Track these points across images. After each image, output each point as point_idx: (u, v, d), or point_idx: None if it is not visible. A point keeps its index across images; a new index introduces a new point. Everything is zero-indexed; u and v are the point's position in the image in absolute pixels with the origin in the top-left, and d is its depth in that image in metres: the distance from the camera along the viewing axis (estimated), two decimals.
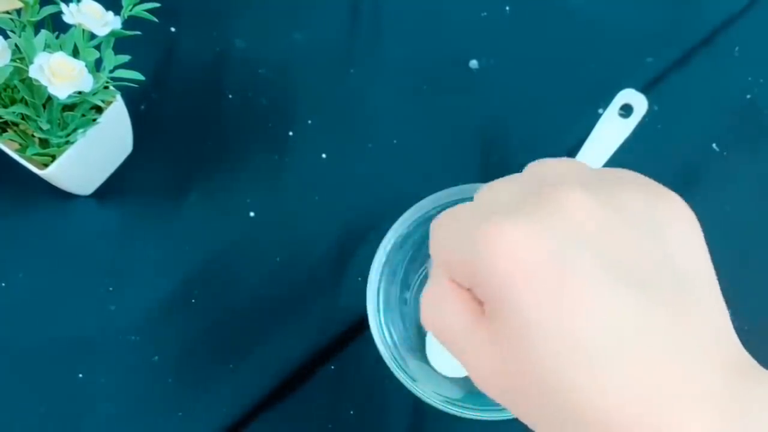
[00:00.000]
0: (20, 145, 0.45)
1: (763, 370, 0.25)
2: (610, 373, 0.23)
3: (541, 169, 0.28)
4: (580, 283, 0.24)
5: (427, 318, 0.28)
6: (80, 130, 0.44)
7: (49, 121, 0.43)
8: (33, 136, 0.45)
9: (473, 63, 0.54)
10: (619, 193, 0.26)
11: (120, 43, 0.43)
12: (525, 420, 0.26)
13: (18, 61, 0.42)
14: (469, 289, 0.27)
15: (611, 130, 0.44)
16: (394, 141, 0.53)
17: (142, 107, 0.52)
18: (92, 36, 0.42)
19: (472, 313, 0.26)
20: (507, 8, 0.56)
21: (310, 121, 0.53)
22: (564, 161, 0.29)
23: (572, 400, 0.23)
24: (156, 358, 0.48)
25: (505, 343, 0.25)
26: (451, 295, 0.27)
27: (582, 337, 0.23)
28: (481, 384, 0.26)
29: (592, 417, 0.23)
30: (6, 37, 0.42)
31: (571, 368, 0.23)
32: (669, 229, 0.26)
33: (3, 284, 0.48)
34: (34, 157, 0.45)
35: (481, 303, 0.26)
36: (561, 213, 0.25)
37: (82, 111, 0.44)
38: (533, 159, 0.54)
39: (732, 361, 0.24)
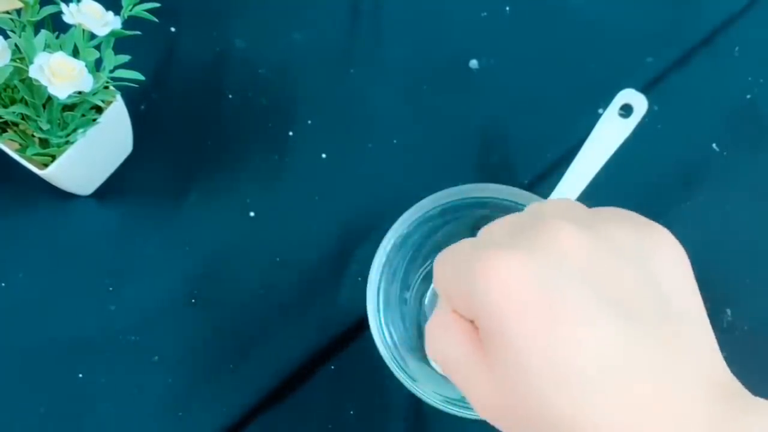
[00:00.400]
0: (20, 145, 0.45)
1: (752, 397, 0.25)
2: (596, 404, 0.24)
3: (539, 208, 0.29)
4: (569, 314, 0.24)
5: (430, 348, 0.29)
6: (80, 130, 0.44)
7: (49, 121, 0.43)
8: (33, 136, 0.45)
9: (473, 63, 0.54)
10: (607, 227, 0.27)
11: (120, 43, 0.43)
12: None
13: (18, 61, 0.42)
14: (472, 321, 0.28)
15: (611, 130, 0.44)
16: (394, 141, 0.53)
17: (142, 107, 0.52)
18: (92, 36, 0.42)
19: (472, 344, 0.27)
20: (507, 8, 0.56)
21: (310, 121, 0.53)
22: (561, 201, 0.30)
23: (565, 427, 0.24)
24: (156, 358, 0.48)
25: (499, 372, 0.25)
26: (453, 325, 0.28)
27: (570, 367, 0.24)
28: (480, 411, 0.27)
29: None
30: (6, 37, 0.42)
31: (561, 399, 0.24)
32: (656, 260, 0.26)
33: (3, 284, 0.48)
34: (34, 157, 0.45)
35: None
36: (551, 246, 0.26)
37: (82, 111, 0.44)
38: (533, 159, 0.55)
39: (721, 389, 0.24)
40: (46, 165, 0.45)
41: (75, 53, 0.43)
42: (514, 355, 0.25)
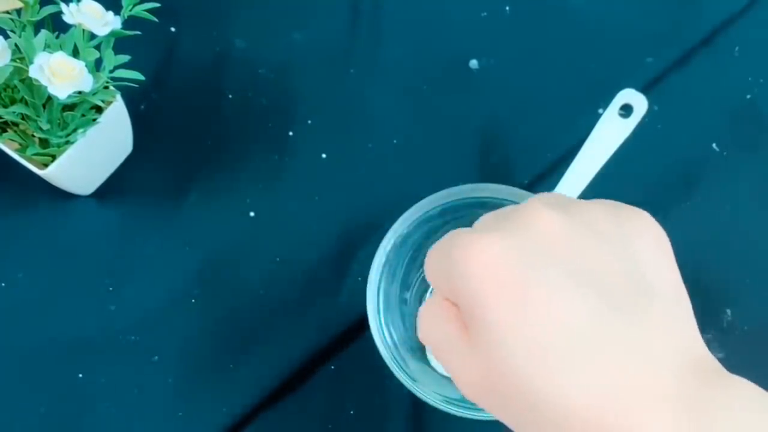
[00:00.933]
0: (20, 145, 0.45)
1: (729, 375, 0.25)
2: (570, 376, 0.24)
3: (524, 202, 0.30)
4: (543, 291, 0.25)
5: (421, 332, 0.30)
6: (80, 130, 0.44)
7: (49, 121, 0.43)
8: (33, 136, 0.45)
9: (473, 63, 0.55)
10: (586, 211, 0.28)
11: (120, 43, 0.43)
12: (508, 423, 0.27)
13: (18, 61, 0.42)
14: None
15: (611, 130, 0.44)
16: (394, 141, 0.53)
17: (142, 107, 0.52)
18: (92, 36, 0.42)
19: (457, 326, 0.28)
20: (507, 8, 0.56)
21: (310, 121, 0.53)
22: (548, 193, 0.31)
23: (541, 402, 0.25)
24: (156, 358, 0.48)
25: (479, 350, 0.26)
26: (442, 311, 0.29)
27: (543, 342, 0.25)
28: (465, 392, 0.28)
29: (559, 417, 0.24)
30: (6, 37, 0.42)
31: (537, 372, 0.25)
32: (635, 241, 0.27)
33: (3, 284, 0.49)
34: (34, 157, 0.45)
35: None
36: (527, 228, 0.27)
37: (82, 111, 0.44)
38: (533, 159, 0.55)
39: (694, 365, 0.25)
40: (46, 165, 0.45)
41: (75, 53, 0.43)
42: (489, 332, 0.26)
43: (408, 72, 0.54)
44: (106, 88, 0.44)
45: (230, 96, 0.53)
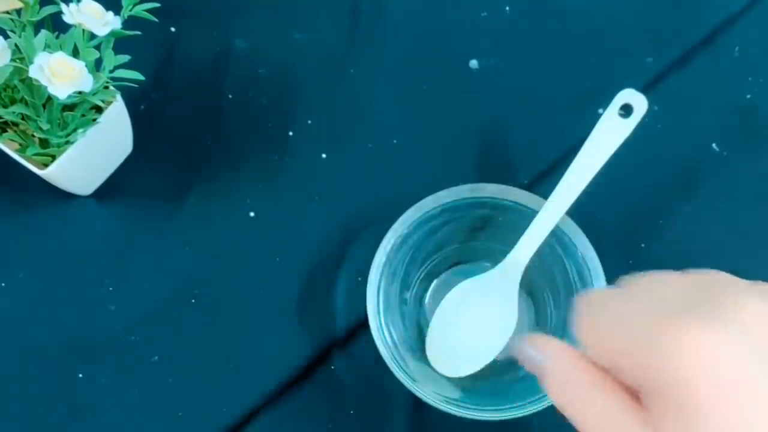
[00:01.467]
0: (20, 145, 0.45)
1: None
2: None
3: (707, 273, 0.28)
4: None
5: (567, 404, 0.28)
6: (80, 130, 0.44)
7: (49, 121, 0.43)
8: (33, 136, 0.45)
9: (473, 63, 0.54)
10: None
11: (120, 43, 0.43)
12: None
13: (18, 61, 0.42)
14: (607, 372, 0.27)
15: (611, 130, 0.44)
16: (394, 141, 0.53)
17: (142, 107, 0.52)
18: (92, 36, 0.42)
19: (628, 406, 0.26)
20: (507, 8, 0.56)
21: (310, 121, 0.53)
22: (723, 273, 0.29)
23: None
24: (156, 358, 0.48)
25: None
26: (605, 384, 0.27)
27: None
28: None
29: None
30: (6, 37, 0.42)
31: None
32: None
33: (3, 284, 0.48)
34: (34, 157, 0.45)
35: (632, 393, 0.26)
36: (744, 322, 0.25)
37: (82, 111, 0.44)
38: (533, 159, 0.55)
39: None
40: (46, 165, 0.45)
41: (75, 53, 0.43)
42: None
43: (408, 72, 0.54)
44: (106, 88, 0.44)
45: (230, 96, 0.53)
